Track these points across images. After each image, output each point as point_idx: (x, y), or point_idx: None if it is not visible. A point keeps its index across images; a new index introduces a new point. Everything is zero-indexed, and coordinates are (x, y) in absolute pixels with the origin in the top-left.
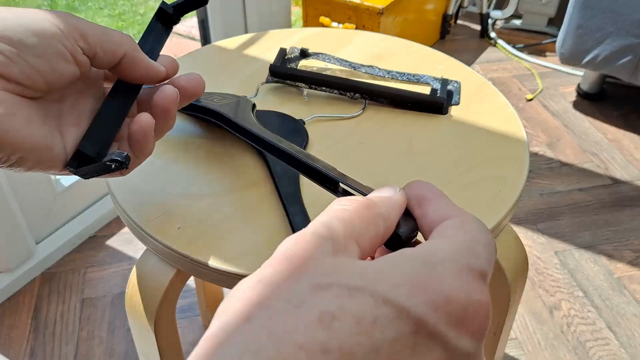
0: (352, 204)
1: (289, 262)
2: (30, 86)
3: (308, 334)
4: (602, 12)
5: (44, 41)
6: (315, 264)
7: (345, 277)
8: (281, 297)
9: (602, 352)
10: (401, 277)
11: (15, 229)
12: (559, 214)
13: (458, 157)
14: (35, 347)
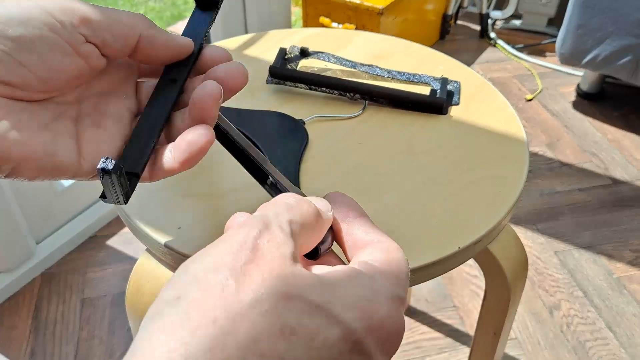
0: (309, 209)
1: (254, 256)
2: (21, 86)
3: (270, 344)
4: (602, 12)
5: (33, 31)
6: (281, 268)
7: (308, 292)
8: (245, 301)
9: (602, 352)
10: (351, 301)
11: (15, 229)
12: (559, 214)
13: (458, 157)
14: (35, 347)
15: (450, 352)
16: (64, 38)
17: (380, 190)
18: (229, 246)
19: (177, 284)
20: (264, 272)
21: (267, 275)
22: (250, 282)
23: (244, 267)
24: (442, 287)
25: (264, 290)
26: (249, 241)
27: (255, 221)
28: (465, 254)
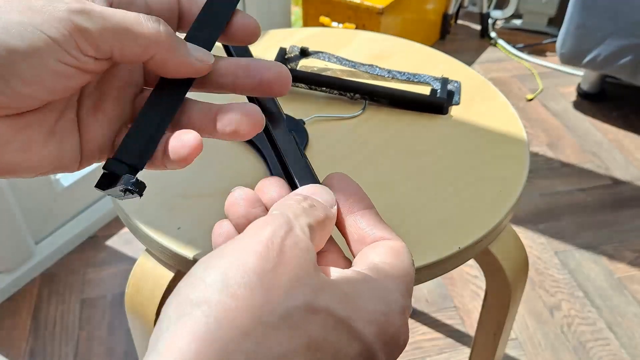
0: (322, 211)
1: (281, 260)
2: (19, 108)
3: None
4: (602, 12)
5: (28, 60)
6: (308, 277)
7: (334, 305)
8: (277, 312)
9: (603, 352)
10: (371, 316)
11: (15, 229)
12: (560, 214)
13: (458, 157)
14: (35, 348)
15: (450, 353)
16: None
17: (380, 190)
18: (255, 245)
19: (201, 284)
20: (292, 280)
21: (296, 283)
22: (279, 291)
23: (271, 272)
24: (442, 287)
25: (293, 302)
26: (276, 243)
27: (279, 221)
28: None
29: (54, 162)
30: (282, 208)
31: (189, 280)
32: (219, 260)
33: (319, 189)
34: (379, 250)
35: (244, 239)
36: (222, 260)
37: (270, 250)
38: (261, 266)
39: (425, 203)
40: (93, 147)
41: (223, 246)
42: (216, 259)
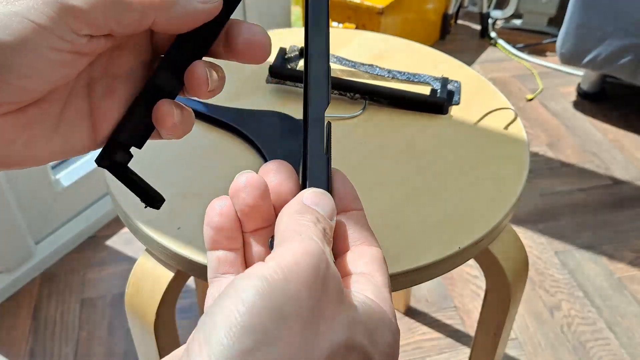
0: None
1: (323, 294)
2: (18, 102)
3: None
4: (602, 12)
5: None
6: (344, 311)
7: (364, 341)
8: (325, 350)
9: (603, 352)
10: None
11: (14, 229)
12: (560, 214)
13: (458, 157)
14: (35, 348)
15: (450, 353)
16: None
17: (380, 190)
18: (305, 274)
19: (257, 314)
20: (333, 316)
21: (337, 318)
22: (325, 329)
23: (317, 307)
24: (442, 287)
25: (337, 339)
26: (320, 274)
27: (316, 248)
28: (465, 254)
29: (62, 153)
30: (306, 231)
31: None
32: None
33: (325, 199)
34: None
35: (292, 264)
36: (274, 284)
37: (318, 282)
38: (310, 300)
39: (425, 203)
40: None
41: (267, 266)
42: (266, 281)
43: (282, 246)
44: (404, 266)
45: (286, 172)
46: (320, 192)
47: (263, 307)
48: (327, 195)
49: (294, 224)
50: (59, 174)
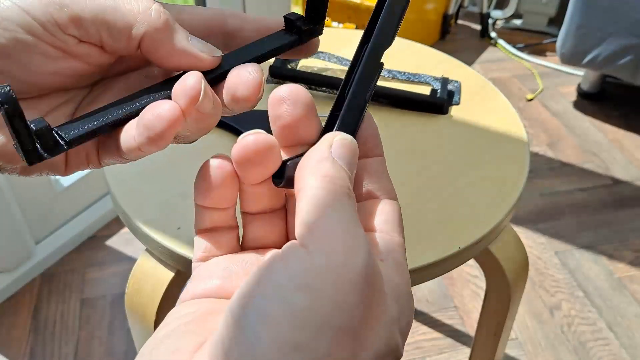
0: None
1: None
2: None
3: None
4: (602, 12)
5: (5, 34)
6: (386, 314)
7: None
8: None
9: (603, 352)
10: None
11: (15, 229)
12: (560, 214)
13: (458, 157)
14: (35, 348)
15: (450, 353)
16: (45, 41)
17: None
18: (355, 279)
19: (307, 328)
20: (378, 321)
21: (381, 322)
22: (372, 336)
23: (366, 314)
24: (442, 287)
25: (381, 345)
26: (370, 279)
27: (364, 244)
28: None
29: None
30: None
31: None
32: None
33: (353, 151)
34: (386, 219)
35: (341, 262)
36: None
37: (367, 287)
38: (362, 309)
39: (425, 203)
40: (77, 154)
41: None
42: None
43: (318, 230)
44: None
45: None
46: (349, 141)
47: (313, 322)
48: (355, 146)
49: (324, 191)
50: None
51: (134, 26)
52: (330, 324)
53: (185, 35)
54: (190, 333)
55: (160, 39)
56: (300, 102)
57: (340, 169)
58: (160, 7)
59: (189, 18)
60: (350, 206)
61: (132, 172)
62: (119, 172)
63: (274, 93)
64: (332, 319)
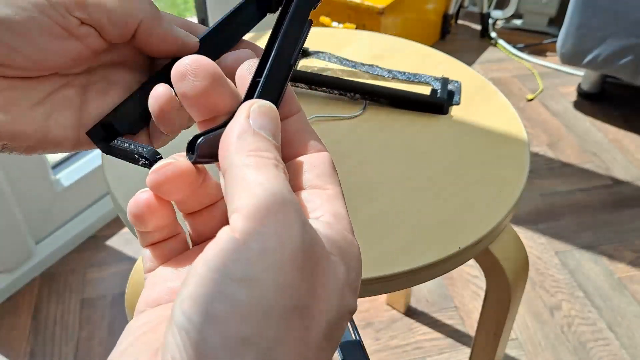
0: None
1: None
2: (11, 66)
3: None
4: (603, 12)
5: (20, 12)
6: (332, 277)
7: (351, 304)
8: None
9: (603, 352)
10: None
11: (14, 229)
12: (560, 214)
13: (458, 157)
14: (35, 348)
15: (450, 353)
16: (54, 20)
17: (380, 190)
18: (293, 256)
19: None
20: (326, 287)
21: (329, 288)
22: (322, 305)
23: (311, 287)
24: (442, 287)
25: (331, 309)
26: (307, 252)
27: (299, 216)
28: (466, 254)
29: (40, 130)
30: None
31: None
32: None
33: (274, 118)
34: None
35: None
36: (263, 277)
37: (307, 261)
38: (305, 286)
39: (425, 203)
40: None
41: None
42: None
43: (248, 213)
44: (405, 266)
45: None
46: (268, 107)
47: (258, 311)
48: (275, 112)
49: (249, 168)
50: (59, 174)
51: (131, 14)
52: (275, 309)
53: (172, 23)
54: (148, 343)
55: (153, 26)
56: (204, 73)
57: (263, 139)
58: (155, 5)
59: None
60: (279, 178)
61: (132, 172)
62: (119, 172)
63: (175, 68)
64: (276, 304)
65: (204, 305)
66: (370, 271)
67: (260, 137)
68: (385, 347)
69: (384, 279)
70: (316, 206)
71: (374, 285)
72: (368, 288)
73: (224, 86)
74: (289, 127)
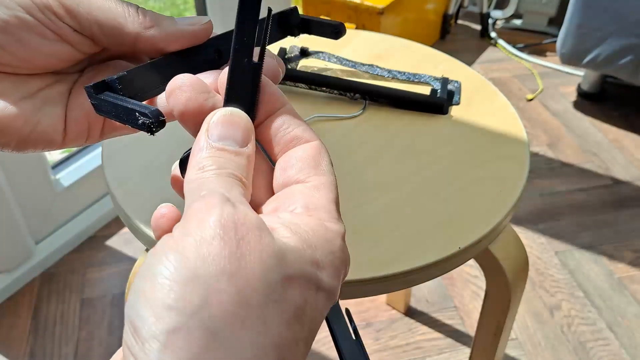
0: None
1: (242, 239)
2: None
3: (291, 332)
4: (602, 12)
5: (6, 11)
6: (269, 248)
7: (301, 267)
8: (260, 293)
9: (603, 352)
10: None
11: (14, 229)
12: (560, 214)
13: (458, 157)
14: (35, 348)
15: (450, 353)
16: (44, 23)
17: (380, 190)
18: (213, 230)
19: (175, 285)
20: (260, 256)
21: (265, 258)
22: (254, 271)
23: (239, 253)
24: (442, 287)
25: (272, 277)
26: (229, 223)
27: (218, 200)
28: (465, 254)
29: (30, 122)
30: (207, 185)
31: (155, 281)
32: (180, 253)
33: (233, 126)
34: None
35: (197, 226)
36: (185, 252)
37: (229, 231)
38: (228, 250)
39: (425, 203)
40: (77, 122)
41: (174, 237)
42: (176, 252)
43: (188, 210)
44: (404, 266)
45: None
46: (224, 115)
47: (181, 281)
48: (236, 115)
49: (193, 184)
50: (59, 174)
51: (124, 27)
52: (199, 276)
53: (172, 20)
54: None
55: (152, 35)
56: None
57: (215, 152)
58: (142, 8)
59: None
60: (218, 189)
61: (132, 172)
62: (119, 172)
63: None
64: (198, 272)
65: (134, 287)
66: (370, 271)
67: (210, 151)
68: (385, 347)
69: (384, 279)
70: (294, 201)
71: (374, 286)
72: (368, 288)
73: (212, 100)
74: (273, 123)
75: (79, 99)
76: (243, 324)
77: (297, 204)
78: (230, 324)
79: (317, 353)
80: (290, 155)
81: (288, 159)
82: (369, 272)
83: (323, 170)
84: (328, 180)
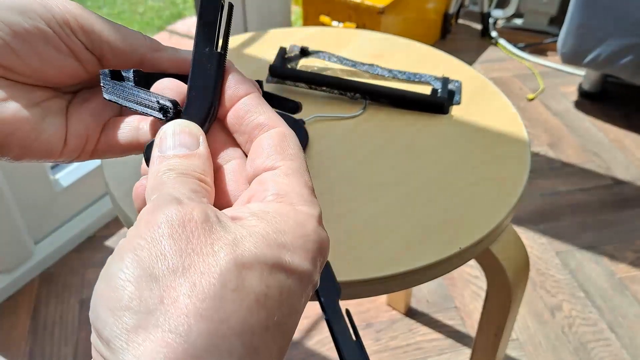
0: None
1: (190, 233)
2: (13, 70)
3: (256, 318)
4: (603, 12)
5: (29, 21)
6: (220, 238)
7: (259, 251)
8: (215, 281)
9: (604, 353)
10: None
11: (14, 229)
12: (561, 215)
13: (459, 157)
14: (34, 348)
15: (451, 353)
16: (60, 36)
17: (381, 191)
18: (163, 229)
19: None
20: (210, 246)
21: (216, 247)
22: (205, 261)
23: (188, 247)
24: (443, 288)
25: (224, 265)
26: (177, 221)
27: (165, 200)
28: (466, 255)
29: (36, 129)
30: (159, 188)
31: (111, 282)
32: (134, 253)
33: (178, 138)
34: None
35: (146, 227)
36: (138, 252)
37: (177, 228)
38: (178, 247)
39: (425, 203)
40: (77, 135)
41: (128, 239)
42: (129, 252)
43: (139, 215)
44: (405, 267)
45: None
46: (169, 130)
47: (133, 281)
48: (181, 126)
49: (150, 188)
50: (58, 174)
51: (134, 47)
52: (152, 275)
53: (174, 48)
54: None
55: (159, 56)
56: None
57: (167, 160)
58: (154, 40)
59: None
60: (168, 189)
61: (132, 172)
62: (118, 172)
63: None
64: (151, 270)
65: (94, 290)
66: (371, 271)
67: (165, 161)
68: (386, 347)
69: (384, 279)
70: (265, 189)
71: (374, 286)
72: (368, 288)
73: None
74: (237, 112)
75: (80, 114)
76: (201, 316)
77: (268, 192)
78: (188, 318)
79: (317, 354)
80: (257, 144)
81: (255, 148)
82: (370, 273)
83: (290, 154)
84: (296, 164)
